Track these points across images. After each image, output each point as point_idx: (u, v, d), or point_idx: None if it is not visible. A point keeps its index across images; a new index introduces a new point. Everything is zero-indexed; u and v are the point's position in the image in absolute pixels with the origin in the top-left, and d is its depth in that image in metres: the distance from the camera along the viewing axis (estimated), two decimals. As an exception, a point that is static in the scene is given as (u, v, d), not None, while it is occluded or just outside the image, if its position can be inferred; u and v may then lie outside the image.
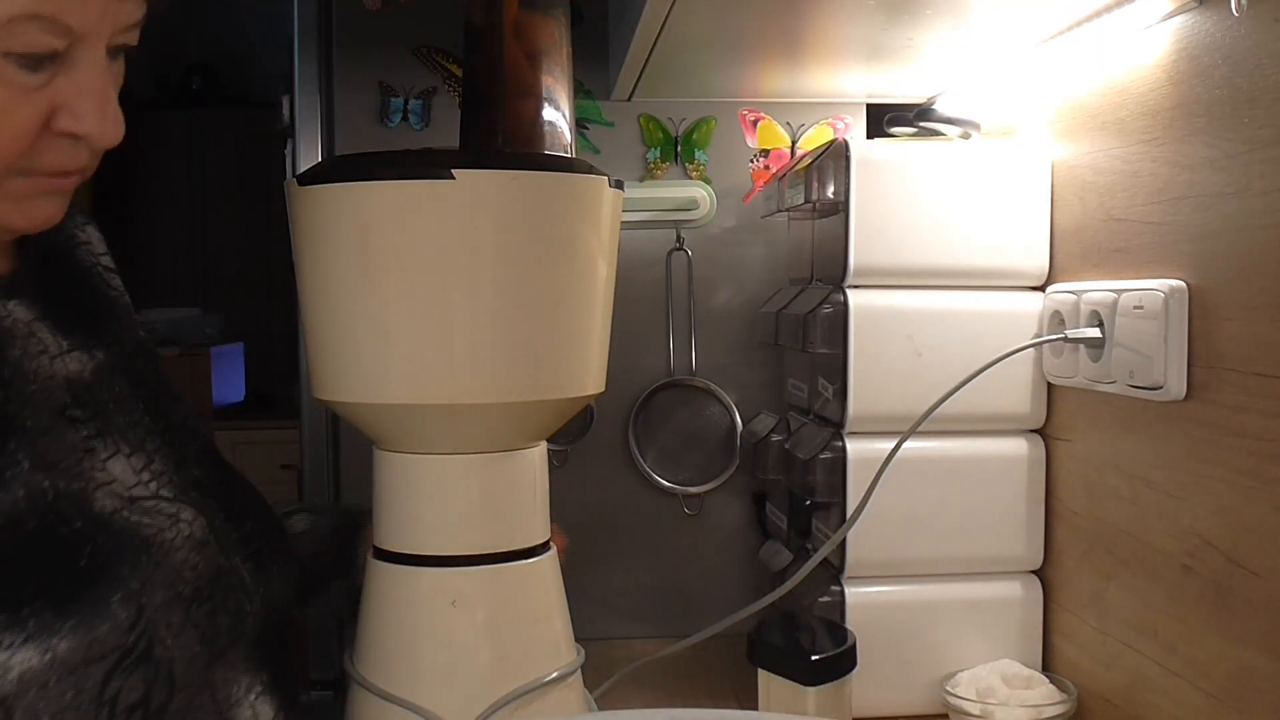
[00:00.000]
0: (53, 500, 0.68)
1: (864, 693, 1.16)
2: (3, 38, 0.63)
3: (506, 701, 0.79)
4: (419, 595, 0.81)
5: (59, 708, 0.62)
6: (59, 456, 0.70)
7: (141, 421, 0.79)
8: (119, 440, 0.76)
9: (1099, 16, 1.00)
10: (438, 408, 0.77)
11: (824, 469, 1.16)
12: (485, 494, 0.81)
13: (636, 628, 1.47)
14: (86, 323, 0.81)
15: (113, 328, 0.84)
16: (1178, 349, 0.93)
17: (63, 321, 0.78)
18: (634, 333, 1.45)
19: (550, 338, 0.79)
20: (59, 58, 0.66)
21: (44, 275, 0.80)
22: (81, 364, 0.77)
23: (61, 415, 0.73)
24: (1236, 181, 0.87)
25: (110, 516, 0.71)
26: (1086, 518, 1.11)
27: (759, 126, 1.46)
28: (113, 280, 0.89)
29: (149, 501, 0.74)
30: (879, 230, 1.15)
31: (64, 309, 0.79)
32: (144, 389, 0.82)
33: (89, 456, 0.73)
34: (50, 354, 0.75)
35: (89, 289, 0.86)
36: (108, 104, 0.69)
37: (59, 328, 0.77)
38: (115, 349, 0.82)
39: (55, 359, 0.75)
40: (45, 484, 0.68)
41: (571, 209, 0.79)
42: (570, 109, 0.85)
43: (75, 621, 0.64)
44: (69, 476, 0.70)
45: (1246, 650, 0.87)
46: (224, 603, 0.74)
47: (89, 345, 0.79)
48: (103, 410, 0.76)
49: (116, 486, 0.73)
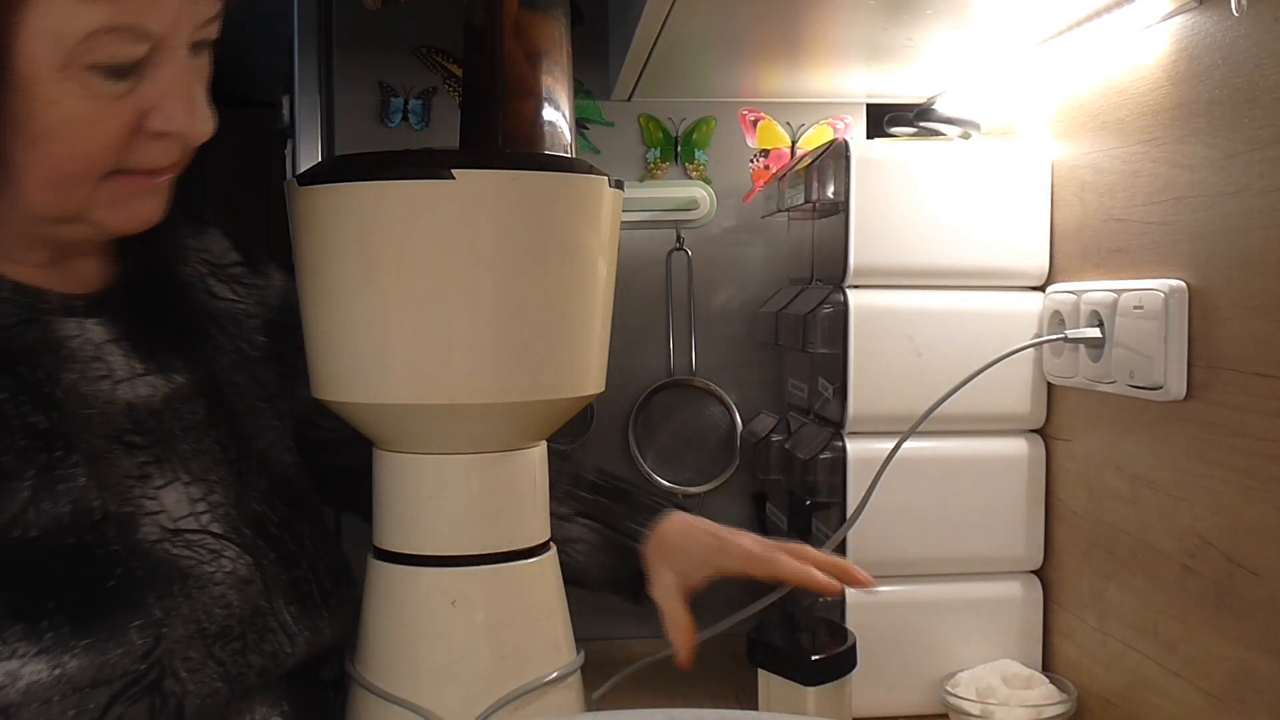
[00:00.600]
0: (99, 520, 0.68)
1: (864, 693, 1.16)
2: (85, 51, 0.63)
3: (506, 701, 0.79)
4: (419, 595, 0.80)
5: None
6: (112, 480, 0.70)
7: (210, 451, 0.78)
8: (179, 468, 0.75)
9: (1099, 16, 1.00)
10: (437, 408, 0.77)
11: (824, 469, 1.16)
12: (485, 494, 0.81)
13: (636, 628, 1.47)
14: (172, 343, 0.80)
15: (203, 348, 0.83)
16: (1178, 349, 0.93)
17: (143, 343, 0.77)
18: (634, 333, 1.45)
19: (550, 338, 0.79)
20: (142, 63, 0.66)
21: (137, 291, 0.79)
22: (153, 389, 0.76)
23: (119, 440, 0.72)
24: (1236, 181, 0.87)
25: (151, 545, 0.70)
26: (1086, 518, 1.11)
27: (759, 126, 1.46)
28: (222, 291, 0.87)
29: (194, 535, 0.73)
30: (879, 230, 1.15)
31: (149, 329, 0.78)
32: (224, 414, 0.81)
33: (141, 483, 0.72)
34: (115, 379, 0.74)
35: (185, 305, 0.85)
36: (195, 102, 0.70)
37: (137, 350, 0.77)
38: (201, 370, 0.81)
39: (120, 384, 0.74)
40: (95, 503, 0.68)
41: (571, 209, 0.79)
42: (570, 109, 0.85)
43: (90, 642, 0.63)
44: (119, 500, 0.70)
45: (1246, 650, 0.87)
46: (258, 643, 0.74)
47: (168, 368, 0.78)
48: (166, 437, 0.75)
49: (163, 517, 0.72)
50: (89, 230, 0.72)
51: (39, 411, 0.69)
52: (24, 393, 0.69)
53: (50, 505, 0.66)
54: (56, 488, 0.67)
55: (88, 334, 0.74)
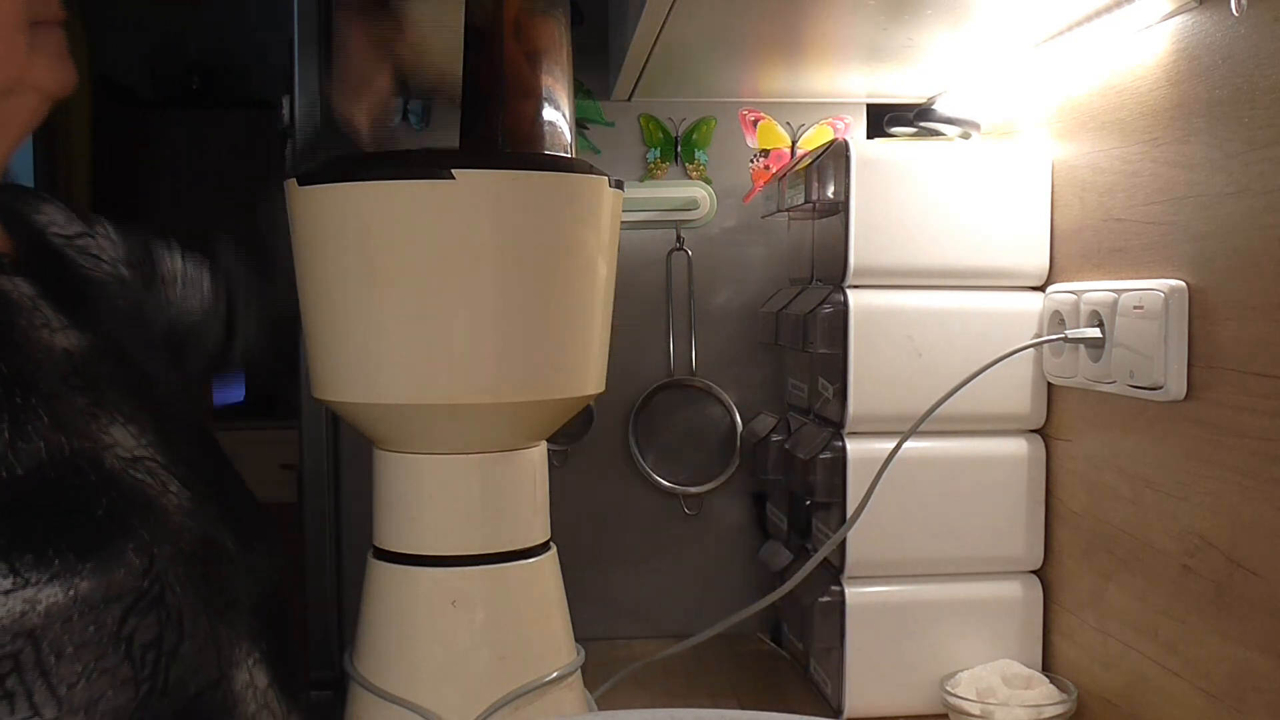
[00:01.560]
0: (69, 455, 0.71)
1: (864, 693, 1.17)
2: None
3: (506, 701, 0.78)
4: (419, 595, 0.80)
5: (81, 641, 0.66)
6: (68, 419, 0.73)
7: (130, 398, 0.81)
8: (114, 410, 0.78)
9: (1099, 16, 1.00)
10: (437, 408, 0.77)
11: (824, 469, 1.16)
12: (485, 494, 0.81)
13: (636, 628, 1.47)
14: (75, 301, 0.84)
15: (93, 309, 0.86)
16: (1178, 349, 0.93)
17: (59, 299, 0.81)
18: (634, 333, 1.45)
19: (550, 338, 0.79)
20: None
21: (36, 255, 0.83)
22: (78, 340, 0.80)
23: (65, 383, 0.76)
24: (1236, 181, 0.87)
25: (119, 475, 0.74)
26: (1086, 518, 1.11)
27: (759, 126, 1.46)
28: (80, 259, 0.91)
29: (147, 464, 0.76)
30: (879, 230, 1.15)
31: (57, 288, 0.82)
32: (130, 368, 0.84)
33: (93, 420, 0.75)
34: (51, 328, 0.78)
35: (67, 271, 0.89)
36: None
37: (57, 305, 0.80)
38: (101, 328, 0.84)
39: (55, 333, 0.78)
40: (61, 439, 0.71)
41: (571, 209, 0.79)
42: (570, 109, 0.86)
43: (95, 564, 0.68)
44: (79, 436, 0.73)
45: (1246, 650, 0.87)
46: (215, 569, 0.76)
47: (80, 324, 0.82)
48: (98, 383, 0.79)
49: (119, 450, 0.75)
50: (30, 100, 0.75)
51: (2, 358, 0.73)
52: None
53: (25, 444, 0.69)
54: (27, 428, 0.70)
55: (19, 288, 0.78)
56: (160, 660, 0.69)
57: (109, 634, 0.67)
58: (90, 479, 0.72)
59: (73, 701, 0.65)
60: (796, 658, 1.34)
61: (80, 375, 0.78)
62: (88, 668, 0.66)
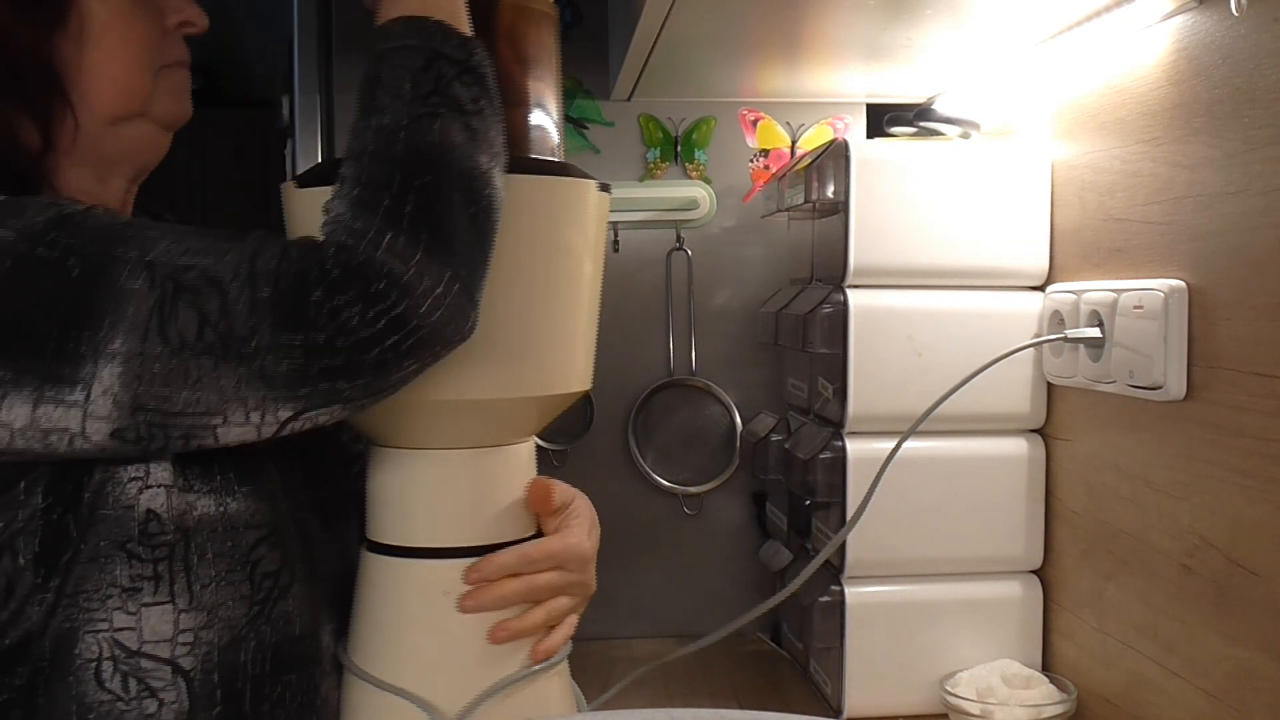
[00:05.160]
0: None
1: (864, 693, 1.17)
2: None
3: (495, 690, 0.80)
4: (411, 586, 0.82)
5: (220, 552, 0.76)
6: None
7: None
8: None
9: (1099, 16, 1.00)
10: (429, 403, 0.79)
11: (824, 469, 1.16)
12: (475, 488, 0.82)
13: (636, 627, 1.47)
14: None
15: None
16: (1178, 349, 0.93)
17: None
18: (634, 333, 1.45)
19: (536, 337, 0.81)
20: None
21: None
22: None
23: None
24: (1236, 181, 0.87)
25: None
26: (1086, 518, 1.12)
27: (759, 126, 1.46)
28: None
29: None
30: (879, 230, 1.15)
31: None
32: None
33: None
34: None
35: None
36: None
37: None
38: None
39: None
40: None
41: (557, 212, 0.81)
42: (558, 112, 0.87)
43: (248, 490, 0.78)
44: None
45: (1246, 650, 0.87)
46: (307, 540, 0.84)
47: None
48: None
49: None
50: (149, 129, 0.82)
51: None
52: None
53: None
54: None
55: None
56: (274, 591, 0.78)
57: (242, 554, 0.77)
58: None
59: (201, 600, 0.75)
60: (796, 658, 1.35)
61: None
62: (219, 575, 0.76)
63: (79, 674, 0.72)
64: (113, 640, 0.73)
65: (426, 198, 0.71)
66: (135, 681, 0.73)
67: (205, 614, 0.75)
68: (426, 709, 0.79)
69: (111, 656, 0.73)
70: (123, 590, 0.73)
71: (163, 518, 0.74)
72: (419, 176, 0.72)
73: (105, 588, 0.73)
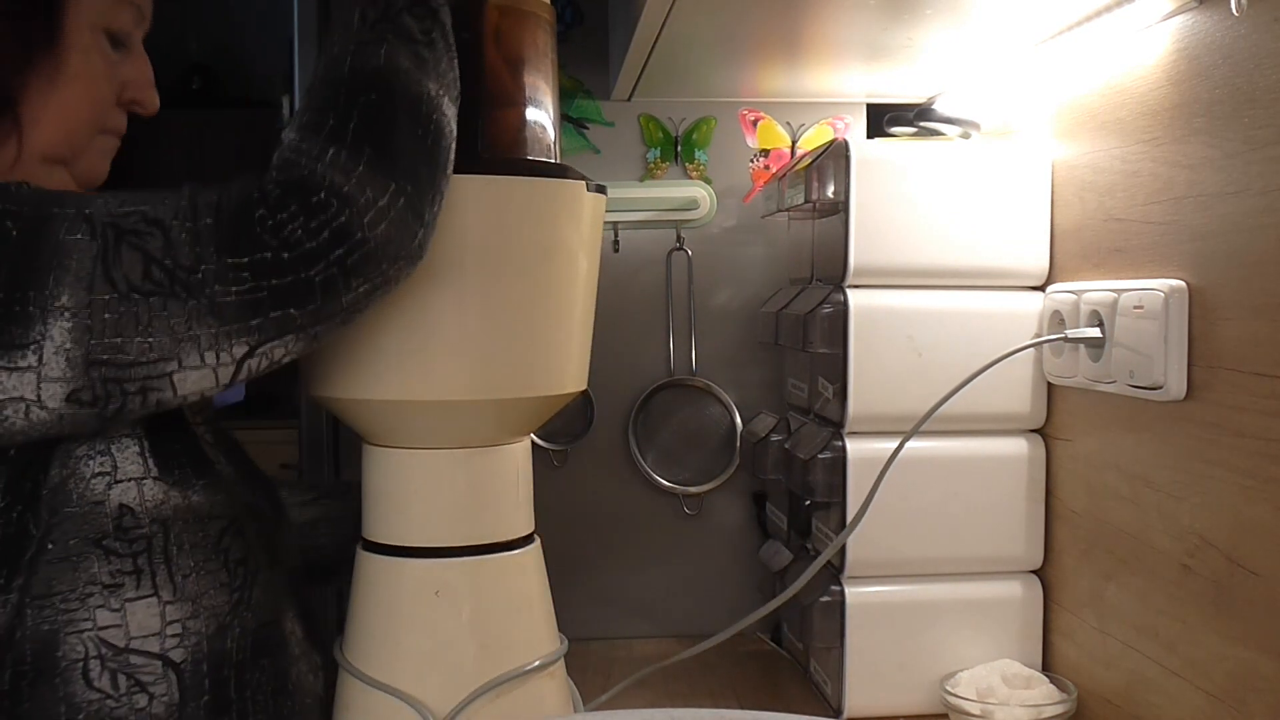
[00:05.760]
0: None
1: (864, 693, 1.17)
2: (108, 15, 0.81)
3: (488, 689, 0.80)
4: (405, 586, 0.82)
5: (194, 542, 0.78)
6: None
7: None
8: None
9: (1099, 16, 1.00)
10: (423, 404, 0.79)
11: (824, 469, 1.16)
12: (469, 487, 0.83)
13: (636, 627, 1.47)
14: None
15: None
16: (1178, 349, 0.93)
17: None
18: (634, 333, 1.45)
19: (530, 337, 0.81)
20: (128, 40, 0.83)
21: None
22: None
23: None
24: (1236, 181, 0.87)
25: (196, 426, 0.85)
26: (1086, 518, 1.12)
27: (759, 126, 1.46)
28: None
29: (201, 428, 0.86)
30: (879, 230, 1.15)
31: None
32: None
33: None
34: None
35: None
36: (152, 81, 0.87)
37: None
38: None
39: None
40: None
41: (551, 213, 0.82)
42: (555, 111, 0.86)
43: (205, 483, 0.80)
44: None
45: (1246, 650, 0.87)
46: (263, 528, 0.86)
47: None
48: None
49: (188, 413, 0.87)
50: (66, 179, 0.83)
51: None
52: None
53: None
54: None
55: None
56: (248, 577, 0.80)
57: (212, 543, 0.79)
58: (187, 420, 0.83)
59: (185, 590, 0.76)
60: (796, 658, 1.35)
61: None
62: (198, 565, 0.77)
63: (65, 675, 0.72)
64: (98, 639, 0.73)
65: (369, 114, 0.71)
66: (125, 678, 0.74)
67: (190, 604, 0.76)
68: (418, 708, 0.79)
69: (99, 655, 0.73)
70: (104, 587, 0.73)
71: (137, 511, 0.75)
72: (362, 94, 0.72)
73: (83, 586, 0.73)
